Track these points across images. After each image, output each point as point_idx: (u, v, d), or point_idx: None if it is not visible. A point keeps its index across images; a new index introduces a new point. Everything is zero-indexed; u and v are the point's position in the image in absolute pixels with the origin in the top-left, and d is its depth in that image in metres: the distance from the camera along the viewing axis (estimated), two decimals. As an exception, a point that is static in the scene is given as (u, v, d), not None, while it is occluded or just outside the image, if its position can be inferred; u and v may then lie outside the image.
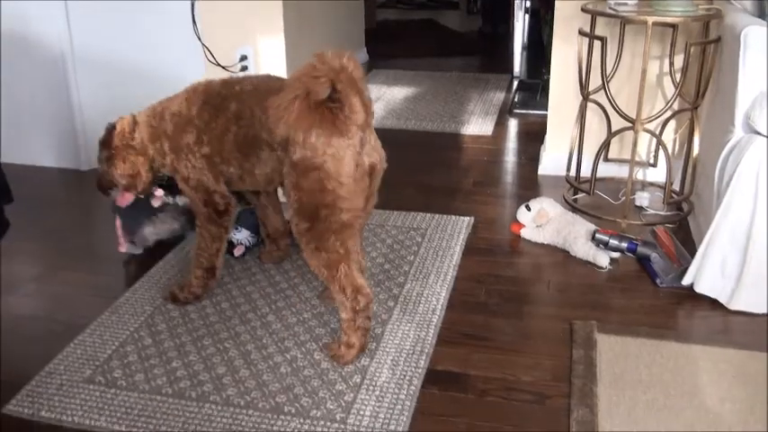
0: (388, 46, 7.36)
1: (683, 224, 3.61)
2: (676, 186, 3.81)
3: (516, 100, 5.58)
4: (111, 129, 3.04)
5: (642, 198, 3.79)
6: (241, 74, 4.13)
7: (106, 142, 3.04)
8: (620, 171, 4.01)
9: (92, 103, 4.38)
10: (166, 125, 2.90)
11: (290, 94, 2.40)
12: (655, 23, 3.34)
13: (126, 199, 3.38)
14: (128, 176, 3.03)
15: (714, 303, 2.94)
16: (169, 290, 3.11)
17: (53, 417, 2.47)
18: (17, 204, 2.98)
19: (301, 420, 2.39)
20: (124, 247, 3.48)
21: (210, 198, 2.92)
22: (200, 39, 4.10)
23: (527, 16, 6.16)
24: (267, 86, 2.74)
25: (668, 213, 3.71)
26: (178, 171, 2.94)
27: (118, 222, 3.47)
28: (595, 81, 3.73)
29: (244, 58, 4.15)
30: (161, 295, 3.10)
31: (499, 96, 5.70)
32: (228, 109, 2.78)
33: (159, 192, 3.45)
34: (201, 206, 2.94)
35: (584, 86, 3.77)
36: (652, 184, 3.98)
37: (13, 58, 4.37)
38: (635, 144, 3.58)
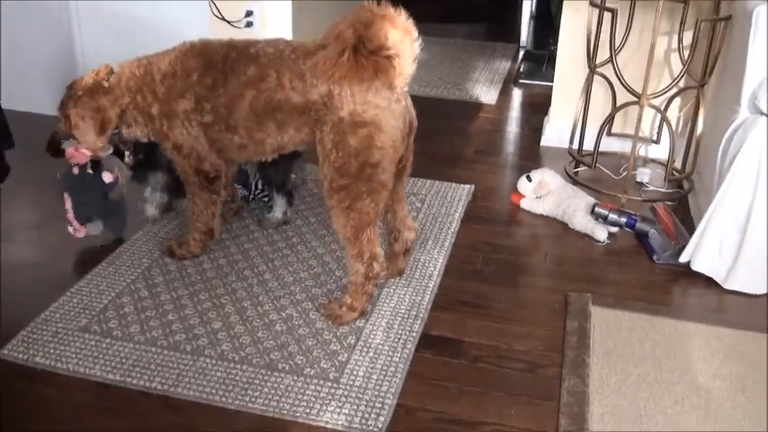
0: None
1: (682, 202, 3.62)
2: (678, 164, 3.81)
3: (522, 70, 5.56)
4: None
5: (643, 174, 3.80)
6: (246, 30, 4.11)
7: (72, 85, 2.88)
8: (622, 146, 4.01)
9: (95, 53, 4.36)
10: (156, 85, 2.76)
11: (339, 46, 2.38)
12: (667, -2, 3.33)
13: (80, 156, 3.02)
14: (91, 118, 2.80)
15: (709, 282, 2.97)
16: (167, 244, 3.10)
17: (48, 363, 2.50)
18: (18, 150, 3.00)
19: (295, 378, 2.42)
20: (81, 232, 3.14)
21: (201, 166, 2.85)
22: (205, -9, 4.09)
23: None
24: (292, 49, 2.63)
25: (668, 190, 3.72)
26: (169, 138, 2.81)
27: (68, 203, 3.11)
28: (602, 54, 3.71)
29: (249, 13, 4.13)
30: (159, 249, 3.11)
31: (505, 65, 5.68)
32: (244, 73, 2.64)
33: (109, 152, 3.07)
34: (192, 174, 2.88)
35: (591, 58, 3.76)
36: (654, 161, 3.99)
37: (17, 5, 4.35)
38: (639, 119, 3.58)
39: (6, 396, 2.39)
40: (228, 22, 4.09)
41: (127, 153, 3.10)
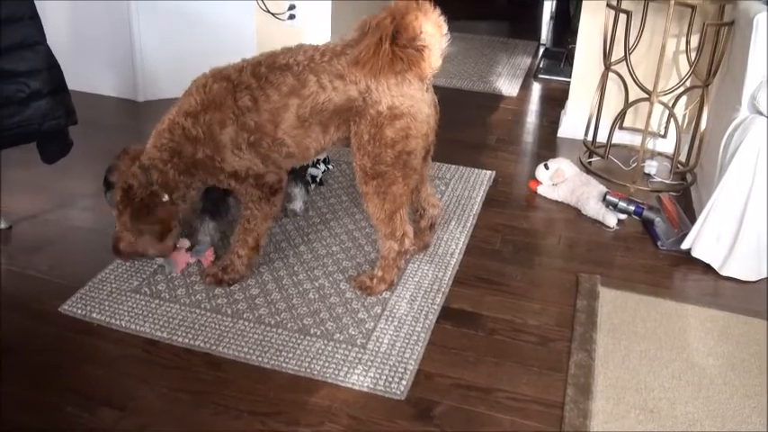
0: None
1: (685, 193, 3.58)
2: (683, 158, 3.77)
3: (541, 66, 5.50)
4: (126, 187, 2.54)
5: (651, 166, 3.76)
6: (288, 23, 4.09)
7: (124, 154, 2.62)
8: (632, 139, 3.97)
9: (150, 40, 4.36)
10: (196, 129, 2.47)
11: (377, 34, 2.35)
12: (676, 2, 3.29)
13: (182, 262, 2.80)
14: (148, 233, 2.56)
15: (707, 268, 2.94)
16: (209, 273, 2.73)
17: (103, 319, 2.52)
18: (79, 127, 3.01)
19: (325, 342, 2.42)
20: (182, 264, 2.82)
21: (262, 180, 2.58)
22: (253, -14, 4.07)
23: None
24: (321, 52, 2.48)
25: (673, 182, 3.68)
26: (224, 170, 2.53)
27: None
28: (617, 53, 3.69)
29: (292, 7, 4.11)
30: (203, 282, 2.74)
31: (525, 61, 5.63)
32: (283, 83, 2.44)
33: (185, 242, 2.85)
34: (255, 189, 2.59)
35: (607, 56, 3.73)
36: (660, 154, 3.94)
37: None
38: (649, 115, 3.55)
39: (66, 346, 2.43)
40: (273, 15, 4.07)
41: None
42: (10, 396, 2.21)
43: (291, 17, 4.09)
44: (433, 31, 2.40)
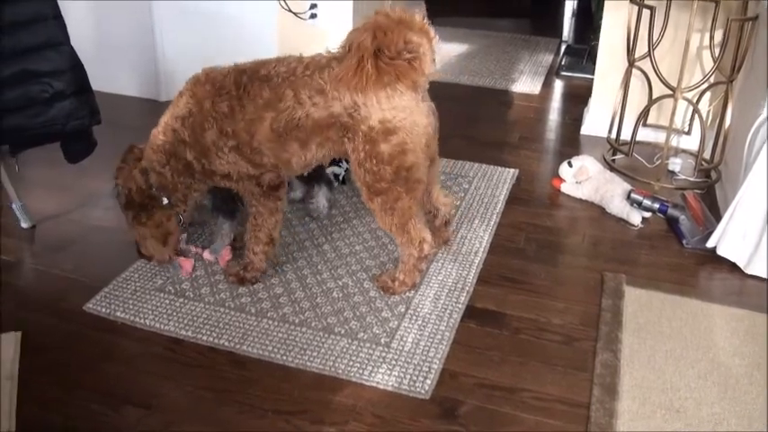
0: (445, 4, 7.24)
1: (710, 191, 3.54)
2: (707, 155, 3.74)
3: (563, 63, 5.47)
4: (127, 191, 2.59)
5: (675, 163, 3.73)
6: (310, 22, 4.10)
7: (130, 150, 2.64)
8: (656, 136, 3.94)
9: (172, 40, 4.38)
10: (183, 132, 2.49)
11: (357, 54, 2.27)
12: (700, -3, 3.26)
13: (188, 267, 2.80)
14: (152, 237, 2.62)
15: (733, 267, 2.90)
16: (231, 273, 2.74)
17: (127, 317, 2.54)
18: (102, 127, 3.03)
19: (349, 341, 2.42)
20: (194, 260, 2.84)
21: (261, 179, 2.56)
22: (274, -15, 4.08)
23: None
24: (305, 66, 2.41)
25: (697, 179, 3.64)
26: (215, 172, 2.54)
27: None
28: (640, 49, 3.65)
29: (314, 6, 4.11)
30: (227, 281, 2.75)
31: (547, 58, 5.60)
32: (259, 96, 2.40)
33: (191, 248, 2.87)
34: (256, 188, 2.58)
35: (630, 53, 3.70)
36: (684, 151, 3.91)
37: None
38: (674, 111, 3.52)
39: (90, 344, 2.45)
40: (295, 14, 4.08)
41: None
42: (34, 394, 2.23)
43: (313, 16, 4.10)
44: (419, 39, 2.30)
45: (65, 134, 2.92)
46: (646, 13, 3.56)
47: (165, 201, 2.58)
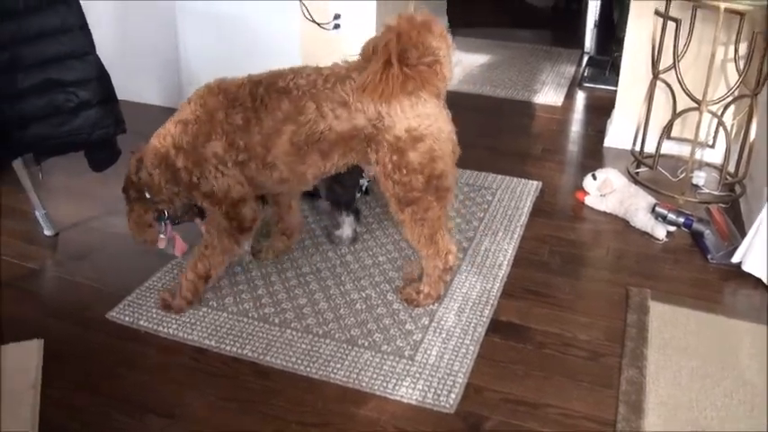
0: (467, 16, 7.24)
1: (734, 205, 3.51)
2: (731, 168, 3.71)
3: (585, 74, 5.45)
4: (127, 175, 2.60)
5: (699, 177, 3.70)
6: (333, 32, 4.10)
7: (141, 158, 2.57)
8: (679, 149, 3.91)
9: (195, 49, 4.40)
10: (181, 138, 2.43)
11: (382, 59, 2.23)
12: (727, 9, 3.24)
13: (182, 247, 2.78)
14: (135, 223, 2.63)
15: (758, 282, 2.87)
16: (161, 296, 2.67)
17: (150, 326, 2.55)
18: (126, 136, 3.04)
19: (373, 353, 2.41)
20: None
21: (237, 212, 2.48)
22: (298, -6, 4.08)
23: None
24: (325, 77, 2.36)
25: (721, 193, 3.61)
26: (199, 187, 2.45)
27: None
28: (664, 62, 3.64)
29: (337, 16, 4.12)
30: (153, 304, 2.68)
31: (570, 70, 5.58)
32: (278, 109, 2.35)
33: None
34: (224, 220, 2.49)
35: (655, 65, 3.69)
36: (708, 165, 3.88)
37: (130, 6, 4.42)
38: (699, 124, 3.50)
39: (113, 353, 2.46)
40: (318, 24, 4.08)
41: None
42: (57, 402, 2.24)
43: (336, 26, 4.10)
44: (439, 44, 2.29)
45: (90, 143, 2.93)
46: (670, 25, 3.55)
47: (148, 195, 2.55)
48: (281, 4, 4.17)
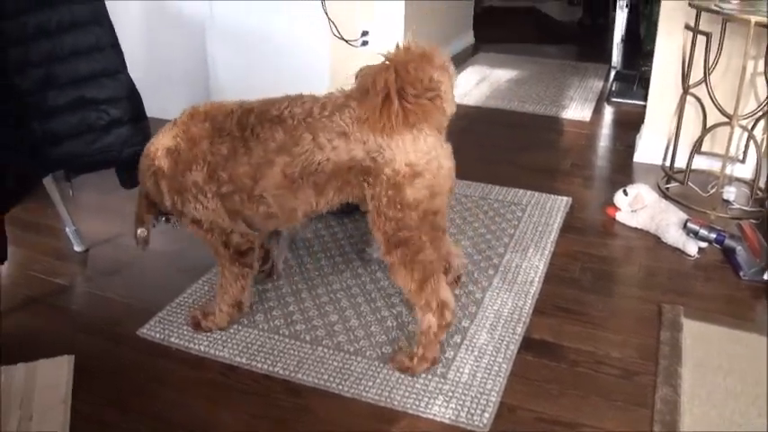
0: (493, 31, 7.26)
1: (765, 220, 3.47)
2: (762, 184, 3.67)
3: (613, 89, 5.44)
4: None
5: (729, 192, 3.66)
6: (361, 49, 4.11)
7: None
8: (709, 164, 3.88)
9: (225, 69, 4.44)
10: (160, 161, 2.35)
11: (382, 93, 2.11)
12: (758, 23, 3.21)
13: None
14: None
15: (791, 300, 2.84)
16: (192, 313, 2.66)
17: (181, 343, 2.54)
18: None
19: (405, 371, 2.40)
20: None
21: (229, 239, 2.43)
22: (326, 13, 4.10)
23: (626, 10, 6.00)
24: (321, 105, 2.24)
25: (752, 209, 3.58)
26: (185, 214, 2.41)
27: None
28: (694, 76, 3.62)
29: (365, 33, 4.13)
30: (184, 321, 2.69)
31: (597, 85, 5.57)
32: (271, 139, 2.23)
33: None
34: (221, 248, 2.45)
35: (685, 79, 3.66)
36: (738, 180, 3.85)
37: (160, 26, 4.46)
38: (730, 139, 3.48)
39: (143, 369, 2.45)
40: (346, 41, 4.10)
41: None
42: (87, 417, 2.23)
43: (364, 43, 4.11)
44: (440, 77, 2.15)
45: (120, 160, 2.95)
46: (700, 39, 3.53)
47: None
48: (309, 22, 4.20)
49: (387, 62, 2.13)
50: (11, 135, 2.65)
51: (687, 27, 3.60)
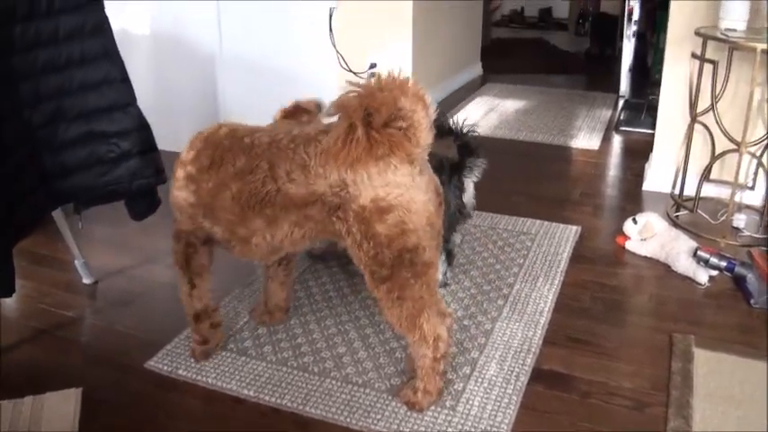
0: (501, 62, 7.29)
1: (775, 248, 3.46)
2: (771, 211, 3.65)
3: (622, 118, 5.44)
4: None
5: (739, 220, 3.64)
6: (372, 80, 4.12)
7: None
8: (718, 191, 3.86)
9: (235, 101, 4.46)
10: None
11: (345, 122, 2.00)
12: (764, 51, 3.21)
13: None
14: None
15: (802, 328, 2.80)
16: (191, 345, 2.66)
17: (189, 376, 2.52)
18: (165, 186, 3.06)
19: (413, 403, 2.36)
20: None
21: (180, 226, 2.45)
22: (334, 46, 4.12)
23: (634, 40, 6.02)
24: (291, 137, 2.19)
25: (762, 236, 3.55)
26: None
27: None
28: (701, 104, 3.62)
29: (373, 65, 4.15)
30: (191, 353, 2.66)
31: (605, 114, 5.57)
32: (232, 164, 2.22)
33: None
34: (173, 240, 2.48)
35: (693, 107, 3.65)
36: (748, 207, 3.82)
37: (170, 57, 4.49)
38: (739, 166, 3.46)
39: (152, 402, 2.43)
40: (355, 73, 4.11)
41: None
42: (96, 452, 2.21)
43: (372, 75, 4.13)
44: (413, 105, 2.00)
45: (130, 193, 2.95)
46: (707, 67, 3.53)
47: None
48: (318, 55, 4.22)
49: (354, 90, 2.03)
50: (21, 168, 2.65)
51: (694, 55, 3.61)
